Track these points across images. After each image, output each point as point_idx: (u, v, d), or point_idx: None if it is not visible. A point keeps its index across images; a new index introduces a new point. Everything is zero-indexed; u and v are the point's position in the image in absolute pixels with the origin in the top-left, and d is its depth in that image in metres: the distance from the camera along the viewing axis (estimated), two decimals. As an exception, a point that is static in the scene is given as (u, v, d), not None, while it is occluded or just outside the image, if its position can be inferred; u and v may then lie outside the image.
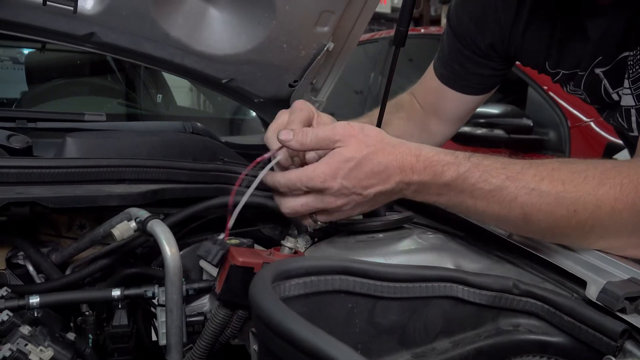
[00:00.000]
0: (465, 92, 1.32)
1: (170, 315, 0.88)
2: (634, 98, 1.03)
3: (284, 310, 0.51)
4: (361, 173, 0.80)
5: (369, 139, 0.81)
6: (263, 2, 1.11)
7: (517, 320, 0.75)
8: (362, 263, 0.67)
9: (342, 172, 0.79)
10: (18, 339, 0.79)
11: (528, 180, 0.78)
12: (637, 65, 0.99)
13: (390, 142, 0.82)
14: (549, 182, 0.77)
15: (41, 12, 1.03)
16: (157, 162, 1.11)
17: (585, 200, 0.76)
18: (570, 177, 0.77)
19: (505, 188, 0.78)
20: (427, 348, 0.71)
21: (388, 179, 0.81)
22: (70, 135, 1.14)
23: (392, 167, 0.80)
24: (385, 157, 0.80)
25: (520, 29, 1.15)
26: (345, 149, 0.80)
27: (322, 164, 0.80)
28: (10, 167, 0.96)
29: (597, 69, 1.07)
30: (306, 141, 0.82)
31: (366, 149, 0.79)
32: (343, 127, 0.81)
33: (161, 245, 0.87)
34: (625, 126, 1.10)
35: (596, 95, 1.12)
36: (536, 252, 0.86)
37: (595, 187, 0.76)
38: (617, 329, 0.67)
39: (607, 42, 1.02)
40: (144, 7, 1.07)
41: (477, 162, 0.80)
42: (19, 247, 1.05)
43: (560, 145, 2.59)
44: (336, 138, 0.80)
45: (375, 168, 0.80)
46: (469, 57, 1.26)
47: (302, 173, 0.81)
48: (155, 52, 1.23)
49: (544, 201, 0.77)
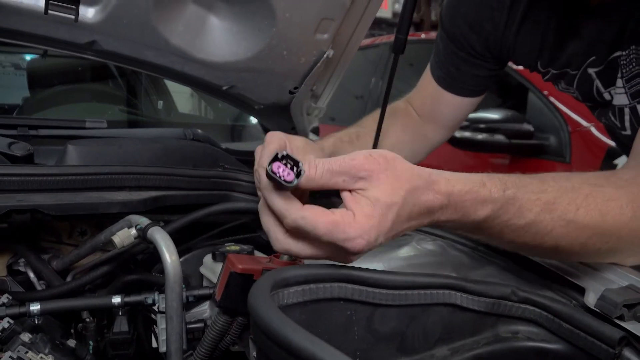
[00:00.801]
0: (461, 95, 1.32)
1: (171, 322, 0.89)
2: (628, 97, 1.03)
3: (282, 319, 0.51)
4: (400, 221, 0.65)
5: (401, 175, 0.65)
6: (263, 10, 1.12)
7: (516, 327, 0.75)
8: (361, 270, 0.68)
9: (385, 226, 0.63)
10: (19, 347, 0.79)
11: (563, 210, 0.73)
12: (630, 64, 0.99)
13: (420, 176, 0.67)
14: (585, 212, 0.73)
15: (42, 20, 1.04)
16: (157, 169, 1.12)
17: (620, 234, 0.76)
18: (606, 206, 0.74)
19: (540, 222, 0.72)
20: (426, 355, 0.71)
21: (422, 219, 0.68)
22: (71, 142, 1.15)
23: (424, 211, 0.67)
24: (419, 198, 0.66)
25: (514, 28, 1.15)
26: (381, 193, 0.63)
27: (361, 218, 0.62)
28: (12, 174, 0.97)
29: (589, 69, 1.08)
30: (315, 176, 0.64)
31: (403, 192, 0.64)
32: (366, 159, 0.64)
33: (161, 252, 0.87)
34: (618, 124, 1.11)
35: (588, 94, 1.12)
36: (536, 259, 0.87)
37: (630, 218, 0.75)
38: (615, 336, 0.67)
39: (600, 43, 1.03)
40: (144, 15, 1.08)
41: (513, 196, 0.71)
42: (20, 254, 1.06)
43: (561, 150, 2.59)
44: (360, 175, 0.64)
45: (414, 210, 0.66)
46: (464, 58, 1.26)
47: (334, 226, 0.62)
48: (156, 60, 1.24)
49: (580, 234, 0.74)
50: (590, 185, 0.76)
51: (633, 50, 0.98)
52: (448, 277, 0.74)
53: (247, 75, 1.30)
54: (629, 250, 0.80)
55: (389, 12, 10.28)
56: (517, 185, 0.72)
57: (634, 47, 0.97)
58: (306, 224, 0.62)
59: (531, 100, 2.77)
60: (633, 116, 1.06)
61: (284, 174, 0.62)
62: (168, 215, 1.13)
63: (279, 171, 0.62)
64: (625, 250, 0.79)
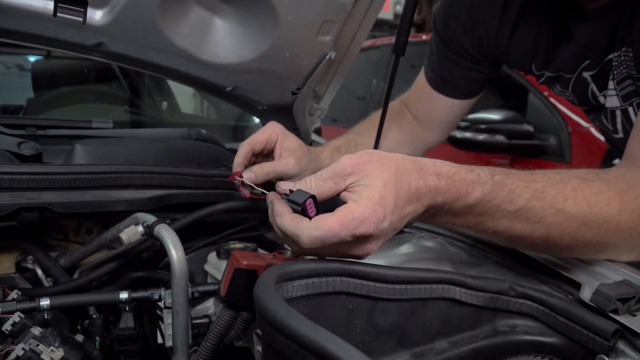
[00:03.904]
0: (454, 97, 1.32)
1: (177, 317, 0.91)
2: (619, 99, 1.04)
3: (287, 309, 0.53)
4: (400, 200, 0.67)
5: (385, 160, 0.69)
6: (266, 13, 1.14)
7: (514, 321, 0.77)
8: (363, 265, 0.69)
9: (389, 203, 0.66)
10: (30, 340, 0.81)
11: (552, 199, 0.75)
12: (621, 65, 1.00)
13: (405, 158, 0.71)
14: (573, 202, 0.75)
15: (51, 23, 1.06)
16: (163, 169, 1.14)
17: (608, 226, 0.77)
18: (594, 198, 0.76)
19: (531, 208, 0.74)
20: (426, 348, 0.73)
21: (420, 201, 0.70)
22: (78, 142, 1.17)
23: (423, 190, 0.69)
24: (411, 176, 0.69)
25: (507, 31, 1.15)
26: (372, 177, 0.67)
27: (364, 202, 0.66)
28: (21, 173, 0.99)
29: (584, 73, 1.08)
30: (311, 187, 0.70)
31: (391, 170, 0.67)
32: (349, 158, 0.69)
33: (168, 249, 0.90)
34: (611, 128, 1.11)
35: (584, 97, 1.13)
36: (532, 254, 0.89)
37: (618, 212, 0.77)
38: (609, 329, 0.69)
39: (594, 46, 1.03)
40: (150, 18, 1.10)
41: (501, 181, 0.74)
42: (28, 251, 1.08)
43: (561, 151, 2.61)
44: (347, 171, 0.68)
45: (411, 189, 0.68)
46: (457, 62, 1.26)
47: (344, 218, 0.65)
48: (161, 61, 1.26)
49: (569, 224, 0.76)
50: (579, 178, 0.79)
51: (624, 52, 0.98)
52: (447, 272, 0.76)
53: (250, 77, 1.32)
54: (619, 245, 0.81)
55: (390, 13, 10.30)
56: (505, 173, 0.75)
57: (624, 48, 0.98)
58: (321, 233, 0.65)
59: (531, 101, 2.79)
60: (624, 119, 1.06)
61: (310, 213, 0.69)
62: (173, 214, 1.15)
63: (309, 208, 0.69)
64: (615, 244, 0.81)
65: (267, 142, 1.04)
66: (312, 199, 0.69)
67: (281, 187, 0.74)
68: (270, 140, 1.04)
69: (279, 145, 1.05)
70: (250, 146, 1.02)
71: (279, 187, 0.75)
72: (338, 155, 1.18)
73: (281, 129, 1.06)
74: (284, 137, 1.05)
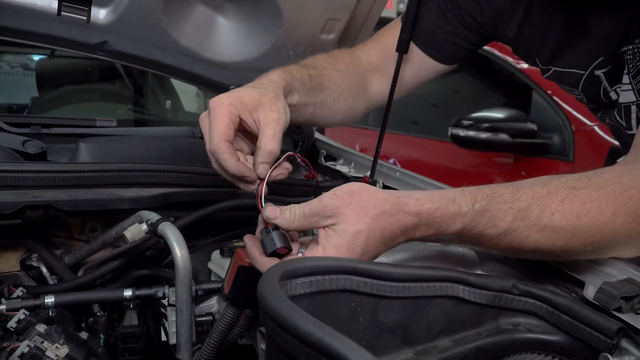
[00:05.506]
0: (430, 56, 1.21)
1: (180, 314, 0.91)
2: (635, 93, 1.01)
3: (291, 306, 0.53)
4: (371, 246, 0.74)
5: (365, 204, 0.74)
6: (270, 11, 1.15)
7: (517, 319, 0.77)
8: (366, 263, 0.69)
9: (355, 252, 0.73)
10: (35, 337, 0.82)
11: (538, 216, 0.75)
12: (636, 58, 0.97)
13: (387, 200, 0.74)
14: (560, 216, 0.75)
15: (56, 22, 1.07)
16: (167, 167, 1.14)
17: (602, 233, 0.77)
18: (584, 209, 0.75)
19: (514, 230, 0.75)
20: (429, 346, 0.73)
21: (395, 241, 0.76)
22: (83, 140, 1.18)
23: (397, 232, 0.75)
24: (387, 221, 0.74)
25: (519, 17, 1.10)
26: (347, 224, 0.73)
27: (330, 249, 0.73)
28: (26, 171, 0.99)
29: (597, 71, 1.05)
30: (294, 221, 0.76)
31: (368, 219, 0.73)
32: (331, 199, 0.75)
33: (172, 246, 0.90)
34: (624, 124, 1.08)
35: (594, 95, 1.10)
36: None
37: (611, 217, 0.76)
38: (613, 328, 0.69)
39: (610, 39, 1.00)
40: (154, 16, 1.11)
41: (482, 209, 0.75)
42: (33, 249, 1.09)
43: (565, 149, 2.60)
44: (327, 214, 0.74)
45: (385, 234, 0.74)
46: (451, 20, 1.17)
47: None
48: (165, 60, 1.26)
49: (558, 237, 0.76)
50: (568, 189, 0.77)
51: (637, 44, 0.95)
52: (450, 270, 0.76)
53: (254, 75, 1.31)
54: (619, 246, 0.80)
55: (394, 11, 10.27)
56: (488, 197, 0.76)
57: (637, 40, 0.95)
58: None
59: (535, 100, 2.78)
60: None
61: (281, 252, 0.78)
62: (177, 212, 1.15)
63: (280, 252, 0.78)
64: (615, 246, 0.80)
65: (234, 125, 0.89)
66: (284, 248, 0.77)
67: (266, 213, 0.78)
68: (232, 121, 0.88)
69: (250, 123, 0.90)
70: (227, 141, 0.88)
71: (265, 213, 0.78)
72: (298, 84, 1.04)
73: (231, 98, 0.89)
74: (242, 101, 0.89)
